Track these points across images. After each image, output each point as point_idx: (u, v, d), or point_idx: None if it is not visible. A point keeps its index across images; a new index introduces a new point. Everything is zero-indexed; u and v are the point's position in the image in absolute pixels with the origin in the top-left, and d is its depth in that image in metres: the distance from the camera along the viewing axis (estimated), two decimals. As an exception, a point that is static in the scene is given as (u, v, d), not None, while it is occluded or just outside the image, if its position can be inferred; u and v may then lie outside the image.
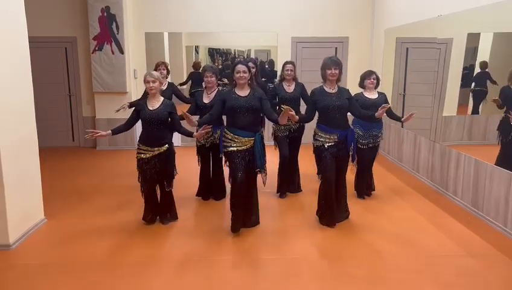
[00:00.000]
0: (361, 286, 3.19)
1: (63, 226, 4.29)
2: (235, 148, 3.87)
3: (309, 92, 4.47)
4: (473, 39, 4.86)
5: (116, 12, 7.23)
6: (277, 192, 5.11)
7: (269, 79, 7.65)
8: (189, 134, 4.10)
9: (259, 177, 4.05)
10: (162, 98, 4.07)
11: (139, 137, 4.11)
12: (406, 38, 6.42)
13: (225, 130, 3.98)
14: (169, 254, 3.71)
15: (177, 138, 7.53)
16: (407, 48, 6.46)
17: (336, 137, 4.05)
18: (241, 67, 3.87)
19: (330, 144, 4.05)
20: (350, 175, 4.44)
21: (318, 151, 4.13)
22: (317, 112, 4.16)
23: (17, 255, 3.69)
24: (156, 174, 4.10)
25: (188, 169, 5.77)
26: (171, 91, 5.24)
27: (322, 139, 4.06)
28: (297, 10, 7.73)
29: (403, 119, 4.71)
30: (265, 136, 4.25)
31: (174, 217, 4.40)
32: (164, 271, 3.40)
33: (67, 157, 7.22)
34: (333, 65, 4.00)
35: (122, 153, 7.41)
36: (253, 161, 3.93)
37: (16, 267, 3.48)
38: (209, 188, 5.04)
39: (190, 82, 7.90)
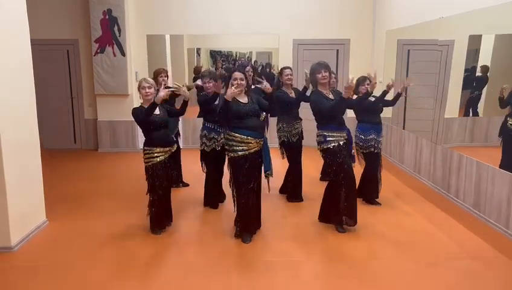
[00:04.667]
0: (363, 288, 3.18)
1: (64, 228, 4.29)
2: (246, 152, 3.80)
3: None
4: (475, 41, 4.86)
5: (118, 15, 7.25)
6: (291, 199, 5.04)
7: (268, 81, 7.65)
8: (181, 111, 4.15)
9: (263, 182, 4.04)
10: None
11: (150, 142, 3.94)
12: (408, 40, 6.43)
13: (230, 133, 3.84)
14: (171, 256, 3.71)
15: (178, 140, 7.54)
16: (408, 50, 6.46)
17: (345, 134, 4.09)
18: (238, 74, 3.83)
19: (343, 141, 4.05)
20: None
21: (334, 152, 4.01)
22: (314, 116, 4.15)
23: (18, 256, 3.70)
24: (170, 175, 4.08)
25: (188, 171, 5.77)
26: (173, 99, 5.26)
27: (334, 139, 4.01)
28: (299, 12, 7.74)
29: (400, 91, 4.80)
30: (269, 140, 4.24)
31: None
32: (166, 274, 3.40)
33: (68, 159, 7.22)
34: (322, 68, 4.03)
35: (124, 155, 7.43)
36: (259, 166, 3.91)
37: (18, 268, 3.49)
38: (217, 196, 4.92)
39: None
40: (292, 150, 4.93)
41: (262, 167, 3.99)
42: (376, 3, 7.66)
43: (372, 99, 4.66)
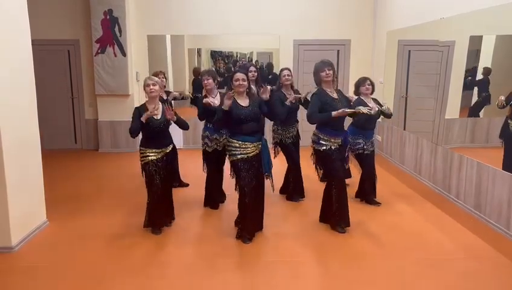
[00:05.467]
0: (363, 289, 3.18)
1: (65, 228, 4.30)
2: (244, 156, 3.82)
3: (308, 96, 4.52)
4: (476, 42, 4.85)
5: (119, 15, 7.26)
6: (291, 199, 5.06)
7: (268, 83, 7.66)
8: (185, 124, 4.13)
9: (266, 183, 4.03)
10: (160, 104, 4.06)
11: (143, 143, 4.00)
12: (408, 40, 6.42)
13: (229, 139, 3.90)
14: (171, 256, 3.71)
15: (179, 141, 7.56)
16: (409, 51, 6.46)
17: (340, 141, 4.07)
18: (240, 75, 3.82)
19: (335, 146, 4.05)
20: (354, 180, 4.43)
21: (325, 155, 4.06)
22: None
23: (19, 257, 3.70)
24: (166, 173, 4.08)
25: (188, 172, 5.78)
26: (171, 99, 5.30)
27: (327, 143, 4.04)
28: (299, 13, 7.75)
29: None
30: (269, 141, 4.23)
31: (173, 217, 4.41)
32: (166, 274, 3.40)
33: (69, 160, 7.23)
34: (326, 66, 4.01)
35: (124, 156, 7.43)
36: (260, 168, 3.91)
37: (18, 269, 3.49)
38: (218, 196, 4.93)
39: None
40: (288, 150, 4.94)
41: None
42: (377, 3, 7.66)
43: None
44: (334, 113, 3.88)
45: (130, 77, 7.48)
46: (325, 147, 4.04)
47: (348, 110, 3.91)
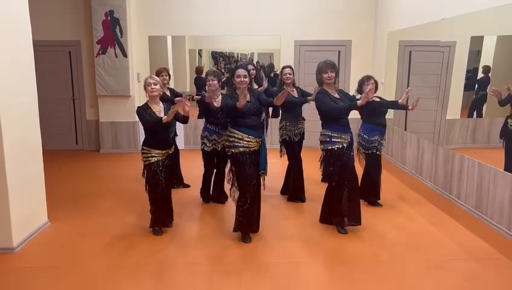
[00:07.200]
0: (365, 290, 3.19)
1: (66, 229, 4.30)
2: (246, 149, 3.79)
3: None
4: (477, 42, 4.85)
5: (120, 16, 7.27)
6: (292, 200, 5.04)
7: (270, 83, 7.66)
8: (185, 119, 4.05)
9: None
10: (161, 103, 4.07)
11: (147, 143, 3.97)
12: (409, 41, 6.42)
13: (230, 129, 3.87)
14: (171, 257, 3.71)
15: (180, 142, 7.56)
16: (410, 51, 6.46)
17: (349, 137, 4.05)
18: (241, 71, 3.83)
19: (346, 144, 4.04)
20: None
21: (338, 155, 4.01)
22: (319, 115, 4.15)
23: (20, 258, 3.70)
24: (168, 174, 4.08)
25: (188, 172, 5.77)
26: (174, 95, 5.30)
27: (339, 140, 4.00)
28: (300, 13, 7.75)
29: (410, 107, 4.61)
30: (269, 141, 4.23)
31: (172, 218, 4.40)
32: (165, 275, 3.40)
33: (70, 160, 7.24)
34: (329, 68, 4.01)
35: (125, 156, 7.44)
36: (258, 166, 3.90)
37: (19, 270, 3.49)
38: (209, 190, 5.03)
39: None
40: (293, 148, 4.94)
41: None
42: (378, 4, 7.66)
43: (377, 100, 4.67)
44: (359, 102, 3.87)
45: (131, 78, 7.49)
46: (338, 146, 4.00)
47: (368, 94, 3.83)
